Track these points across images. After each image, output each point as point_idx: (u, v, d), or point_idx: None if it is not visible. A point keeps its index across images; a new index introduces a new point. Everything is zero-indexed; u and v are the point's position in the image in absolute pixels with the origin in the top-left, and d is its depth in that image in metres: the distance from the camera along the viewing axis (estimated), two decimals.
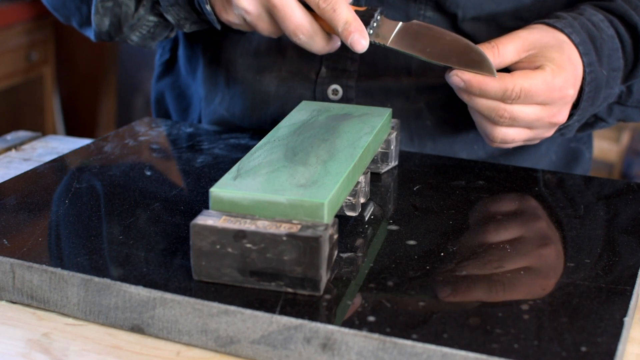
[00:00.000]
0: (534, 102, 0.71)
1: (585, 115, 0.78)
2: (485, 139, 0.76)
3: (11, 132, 0.94)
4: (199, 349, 0.54)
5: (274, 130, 0.68)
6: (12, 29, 2.24)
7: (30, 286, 0.58)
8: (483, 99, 0.71)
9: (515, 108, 0.71)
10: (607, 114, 0.82)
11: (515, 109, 0.71)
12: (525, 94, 0.70)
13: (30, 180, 0.73)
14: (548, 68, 0.71)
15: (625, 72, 0.78)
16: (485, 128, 0.74)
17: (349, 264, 0.59)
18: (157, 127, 0.88)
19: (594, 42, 0.74)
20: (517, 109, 0.71)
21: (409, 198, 0.71)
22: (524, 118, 0.72)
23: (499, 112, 0.71)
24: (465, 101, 0.73)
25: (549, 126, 0.74)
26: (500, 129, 0.73)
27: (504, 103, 0.71)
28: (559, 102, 0.72)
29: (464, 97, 0.73)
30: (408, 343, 0.49)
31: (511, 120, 0.72)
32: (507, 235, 0.64)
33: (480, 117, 0.74)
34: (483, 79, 0.70)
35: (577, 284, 0.56)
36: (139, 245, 0.61)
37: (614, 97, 0.79)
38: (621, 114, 0.83)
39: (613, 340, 0.50)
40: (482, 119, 0.74)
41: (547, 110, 0.72)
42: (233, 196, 0.56)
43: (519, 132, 0.73)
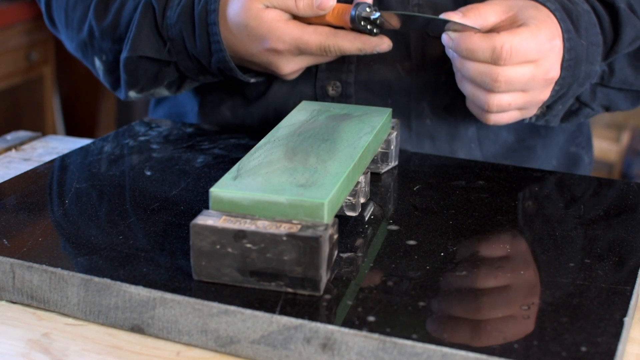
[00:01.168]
0: (526, 59, 0.70)
1: (568, 94, 0.77)
2: (480, 115, 0.75)
3: (11, 132, 0.94)
4: (199, 349, 0.54)
5: (274, 130, 0.68)
6: (12, 29, 2.24)
7: (30, 286, 0.58)
8: (474, 62, 0.70)
9: (509, 70, 0.70)
10: (591, 98, 0.81)
11: (509, 72, 0.70)
12: (516, 50, 0.69)
13: (30, 180, 0.73)
14: (532, 24, 0.70)
15: (605, 50, 0.77)
16: (480, 99, 0.73)
17: (349, 264, 0.59)
18: (157, 127, 0.88)
19: (569, 14, 0.74)
20: (511, 72, 0.70)
21: (409, 198, 0.71)
22: (519, 79, 0.71)
23: (493, 77, 0.70)
24: (457, 69, 0.73)
25: (544, 85, 0.73)
26: (495, 96, 0.72)
27: (496, 66, 0.70)
28: (549, 55, 0.71)
29: (456, 64, 0.73)
30: (408, 343, 0.49)
31: (507, 84, 0.70)
32: (507, 235, 0.64)
33: (473, 88, 0.73)
34: (470, 38, 0.70)
35: (577, 284, 0.56)
36: (139, 245, 0.61)
37: (595, 75, 0.78)
38: (605, 98, 0.81)
39: (613, 340, 0.50)
40: (476, 89, 0.73)
41: (540, 66, 0.71)
42: (233, 196, 0.56)
43: (514, 97, 0.72)
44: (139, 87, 0.87)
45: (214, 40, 0.79)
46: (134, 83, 0.86)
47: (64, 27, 0.91)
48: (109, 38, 0.86)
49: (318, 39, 0.76)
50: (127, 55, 0.83)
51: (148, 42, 0.82)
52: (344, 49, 0.76)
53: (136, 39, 0.83)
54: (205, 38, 0.80)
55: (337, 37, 0.76)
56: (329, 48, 0.76)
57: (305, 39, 0.76)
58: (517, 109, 0.74)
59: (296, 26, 0.76)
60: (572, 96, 0.78)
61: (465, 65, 0.71)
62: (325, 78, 0.85)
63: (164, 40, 0.83)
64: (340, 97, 0.85)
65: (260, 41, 0.77)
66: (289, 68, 0.80)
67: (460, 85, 0.75)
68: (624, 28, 0.76)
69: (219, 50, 0.79)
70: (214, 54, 0.80)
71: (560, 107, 0.78)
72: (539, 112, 0.78)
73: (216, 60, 0.80)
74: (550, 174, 0.78)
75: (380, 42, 0.76)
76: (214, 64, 0.81)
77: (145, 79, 0.85)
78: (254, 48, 0.78)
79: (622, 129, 2.50)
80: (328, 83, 0.85)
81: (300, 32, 0.76)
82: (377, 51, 0.77)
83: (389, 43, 0.77)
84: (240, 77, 0.82)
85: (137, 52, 0.83)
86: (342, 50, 0.76)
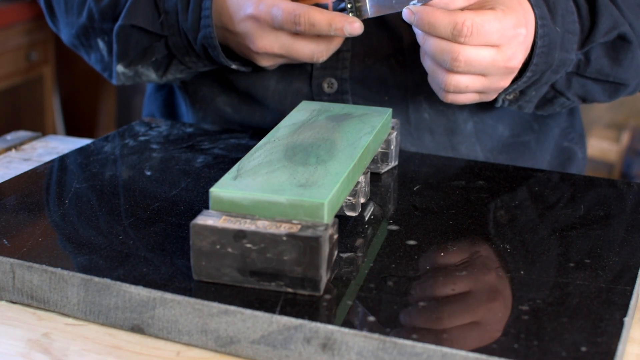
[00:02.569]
0: (487, 42, 0.69)
1: (541, 80, 0.77)
2: (438, 93, 0.75)
3: (11, 132, 0.94)
4: (199, 349, 0.54)
5: (274, 130, 0.68)
6: (12, 29, 2.24)
7: (30, 286, 0.58)
8: (435, 38, 0.70)
9: (470, 51, 0.69)
10: (566, 86, 0.80)
11: (469, 52, 0.69)
12: (477, 29, 0.68)
13: (30, 180, 0.73)
14: (499, 8, 0.70)
15: (582, 38, 0.77)
16: (438, 76, 0.73)
17: (349, 264, 0.59)
18: (157, 127, 0.88)
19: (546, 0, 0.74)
20: (471, 52, 0.70)
21: (409, 198, 0.71)
22: (480, 62, 0.70)
23: (454, 55, 0.69)
24: (420, 45, 0.73)
25: (504, 72, 0.72)
26: (453, 76, 0.71)
27: (456, 43, 0.69)
28: (512, 43, 0.71)
29: (419, 40, 0.73)
30: (408, 343, 0.49)
31: (466, 65, 0.70)
32: (507, 235, 0.64)
33: (433, 65, 0.73)
34: (432, 12, 0.69)
35: (577, 284, 0.56)
36: (139, 245, 0.61)
37: (571, 64, 0.78)
38: (581, 88, 0.81)
39: (613, 340, 0.50)
40: (436, 67, 0.73)
41: (502, 53, 0.71)
42: (233, 196, 0.56)
43: (473, 80, 0.72)
44: (128, 61, 0.86)
45: (204, 15, 0.79)
46: (123, 55, 0.86)
47: (64, 14, 0.90)
48: (110, 18, 0.86)
49: (292, 6, 0.75)
50: (120, 24, 0.84)
51: (143, 13, 0.83)
52: (314, 20, 0.75)
53: (132, 8, 0.83)
54: (197, 12, 0.80)
55: (310, 9, 0.75)
56: (299, 18, 0.74)
57: (281, 5, 0.75)
58: (475, 92, 0.74)
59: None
60: (545, 83, 0.78)
61: (427, 40, 0.71)
62: (321, 76, 0.86)
63: (159, 12, 0.83)
64: (337, 94, 0.86)
65: (243, 6, 0.77)
66: (262, 43, 0.78)
67: (423, 60, 0.75)
68: (600, 17, 0.76)
69: (207, 25, 0.79)
70: (202, 30, 0.80)
71: (533, 93, 0.78)
72: (511, 97, 0.78)
73: (202, 36, 0.80)
74: (551, 173, 0.78)
75: (350, 20, 0.75)
76: (200, 40, 0.81)
77: (134, 52, 0.85)
78: (237, 14, 0.78)
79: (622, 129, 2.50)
80: (323, 80, 0.86)
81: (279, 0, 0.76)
82: (348, 31, 0.75)
83: (360, 25, 0.75)
84: (222, 58, 0.81)
85: (130, 20, 0.83)
86: (312, 22, 0.75)
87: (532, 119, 0.91)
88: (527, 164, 0.90)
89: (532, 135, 0.91)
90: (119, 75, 0.88)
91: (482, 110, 0.88)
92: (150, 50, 0.85)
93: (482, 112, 0.88)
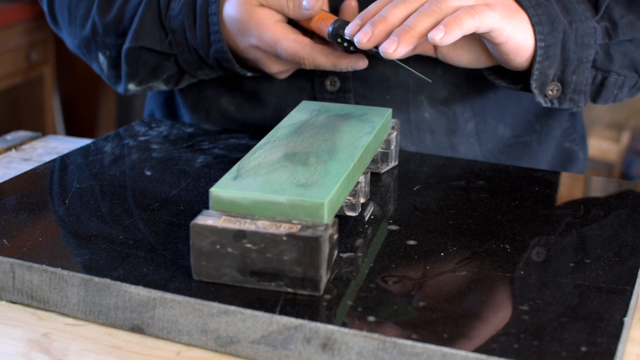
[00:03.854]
0: None
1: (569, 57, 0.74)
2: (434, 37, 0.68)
3: (11, 132, 0.94)
4: (199, 349, 0.54)
5: (274, 130, 0.68)
6: (12, 29, 2.24)
7: (30, 286, 0.58)
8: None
9: None
10: (608, 60, 0.76)
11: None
12: None
13: (30, 180, 0.73)
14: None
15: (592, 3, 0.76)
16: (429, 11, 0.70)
17: (349, 264, 0.59)
18: (157, 127, 0.88)
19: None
20: None
21: (409, 198, 0.71)
22: None
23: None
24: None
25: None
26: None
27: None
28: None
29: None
30: (408, 343, 0.49)
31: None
32: (507, 235, 0.64)
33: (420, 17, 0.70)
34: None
35: (577, 284, 0.56)
36: (139, 245, 0.61)
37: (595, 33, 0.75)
38: (624, 57, 0.77)
39: (613, 340, 0.50)
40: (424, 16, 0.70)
41: None
42: (233, 196, 0.56)
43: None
44: (139, 80, 0.87)
45: (213, 31, 0.80)
46: (133, 75, 0.86)
47: (67, 24, 0.91)
48: (113, 33, 0.86)
49: (294, 47, 0.76)
50: (128, 46, 0.84)
51: (150, 33, 0.83)
52: (318, 63, 0.76)
53: (139, 29, 0.83)
54: (205, 29, 0.80)
55: (313, 50, 0.76)
56: (304, 60, 0.76)
57: (284, 44, 0.76)
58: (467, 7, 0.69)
59: (281, 29, 0.77)
60: (577, 60, 0.74)
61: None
62: (323, 73, 0.86)
63: (166, 32, 0.83)
64: (339, 92, 0.86)
65: (248, 37, 0.78)
66: (275, 68, 0.81)
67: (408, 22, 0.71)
68: None
69: (218, 40, 0.80)
70: (213, 45, 0.81)
71: (574, 77, 0.75)
72: (555, 92, 0.76)
73: (214, 50, 0.81)
74: (550, 173, 0.78)
75: (354, 60, 0.76)
76: (212, 55, 0.81)
77: (144, 71, 0.86)
78: (243, 43, 0.79)
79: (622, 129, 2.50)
80: (326, 78, 0.86)
81: (281, 35, 0.76)
82: (352, 69, 0.76)
83: (365, 62, 0.76)
84: (237, 69, 0.82)
85: (138, 42, 0.83)
86: (317, 65, 0.76)
87: (534, 119, 0.91)
88: (527, 164, 0.90)
89: (533, 135, 0.91)
90: (129, 91, 0.89)
91: (484, 110, 0.88)
92: (160, 68, 0.86)
93: (483, 112, 0.88)
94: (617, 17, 0.76)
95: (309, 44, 0.76)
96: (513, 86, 0.79)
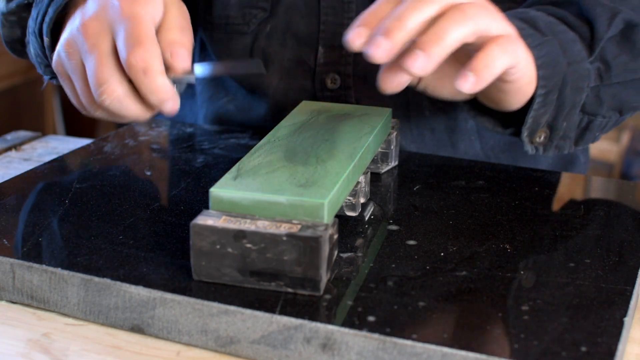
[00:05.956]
0: None
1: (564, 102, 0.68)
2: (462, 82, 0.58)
3: (11, 132, 0.94)
4: (199, 349, 0.54)
5: (274, 130, 0.68)
6: None
7: (30, 286, 0.58)
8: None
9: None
10: (597, 104, 0.71)
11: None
12: None
13: (30, 180, 0.73)
14: None
15: (587, 42, 0.69)
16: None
17: (349, 264, 0.59)
18: (157, 127, 0.88)
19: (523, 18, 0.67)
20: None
21: (409, 198, 0.71)
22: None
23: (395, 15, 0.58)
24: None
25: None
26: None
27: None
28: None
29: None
30: (408, 343, 0.49)
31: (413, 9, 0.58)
32: (507, 235, 0.64)
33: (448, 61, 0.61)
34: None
35: (577, 284, 0.56)
36: (139, 245, 0.61)
37: (590, 75, 0.69)
38: (613, 99, 0.72)
39: (613, 340, 0.50)
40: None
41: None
42: (233, 196, 0.56)
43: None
44: None
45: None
46: None
47: None
48: None
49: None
50: None
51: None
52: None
53: None
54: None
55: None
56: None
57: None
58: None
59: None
60: (570, 105, 0.69)
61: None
62: (324, 71, 0.86)
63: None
64: (339, 90, 0.86)
65: None
66: None
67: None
68: (592, 12, 0.70)
69: None
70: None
71: (564, 124, 0.70)
72: (542, 139, 0.70)
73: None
74: (550, 173, 0.78)
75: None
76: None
77: None
78: None
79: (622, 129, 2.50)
80: (327, 76, 0.86)
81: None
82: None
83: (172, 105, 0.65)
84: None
85: None
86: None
87: None
88: (528, 162, 0.90)
89: None
90: (3, 22, 0.81)
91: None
92: None
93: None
94: (611, 58, 0.71)
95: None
96: (500, 129, 0.72)
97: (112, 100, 0.63)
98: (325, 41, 0.85)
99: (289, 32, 0.86)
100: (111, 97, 0.62)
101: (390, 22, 0.57)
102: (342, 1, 0.84)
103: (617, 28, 0.70)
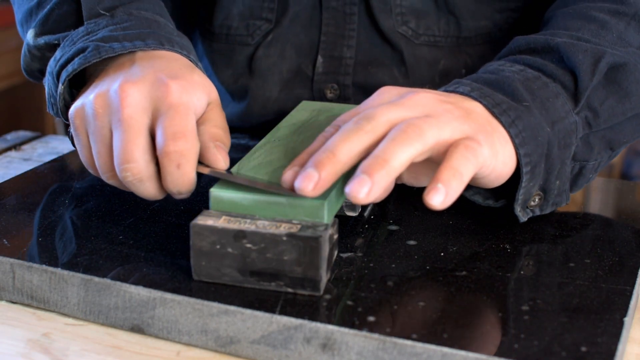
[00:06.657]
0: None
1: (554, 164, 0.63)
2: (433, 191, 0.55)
3: (11, 132, 0.94)
4: (199, 349, 0.54)
5: (274, 131, 0.68)
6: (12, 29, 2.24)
7: (30, 286, 0.58)
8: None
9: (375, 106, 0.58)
10: (588, 151, 0.67)
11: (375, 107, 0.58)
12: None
13: (30, 180, 0.73)
14: None
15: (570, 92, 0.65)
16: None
17: (349, 264, 0.59)
18: None
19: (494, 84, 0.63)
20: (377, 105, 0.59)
21: (409, 198, 0.71)
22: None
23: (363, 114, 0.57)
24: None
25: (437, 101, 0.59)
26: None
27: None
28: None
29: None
30: (408, 343, 0.49)
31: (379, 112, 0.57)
32: (507, 235, 0.64)
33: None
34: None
35: (577, 284, 0.56)
36: (139, 245, 0.61)
37: (578, 127, 0.65)
38: (602, 140, 0.67)
39: (613, 340, 0.50)
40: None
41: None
42: (233, 196, 0.56)
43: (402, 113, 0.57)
44: None
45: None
46: None
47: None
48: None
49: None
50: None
51: None
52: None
53: None
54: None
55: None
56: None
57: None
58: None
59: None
60: (560, 163, 0.64)
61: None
62: (323, 81, 0.86)
63: None
64: (339, 100, 0.86)
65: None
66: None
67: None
68: (574, 60, 0.65)
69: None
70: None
71: (557, 182, 0.65)
72: (538, 201, 0.65)
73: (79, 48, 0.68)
74: None
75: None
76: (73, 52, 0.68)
77: None
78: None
79: None
80: (326, 86, 0.86)
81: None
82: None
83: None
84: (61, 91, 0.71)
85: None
86: None
87: None
88: None
89: None
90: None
91: None
92: None
93: None
94: (598, 104, 0.65)
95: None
96: (491, 202, 0.68)
97: (134, 179, 0.60)
98: (324, 51, 0.85)
99: (289, 43, 0.86)
100: (135, 177, 0.59)
101: (320, 155, 0.55)
102: (344, 12, 0.84)
103: (601, 74, 0.65)
